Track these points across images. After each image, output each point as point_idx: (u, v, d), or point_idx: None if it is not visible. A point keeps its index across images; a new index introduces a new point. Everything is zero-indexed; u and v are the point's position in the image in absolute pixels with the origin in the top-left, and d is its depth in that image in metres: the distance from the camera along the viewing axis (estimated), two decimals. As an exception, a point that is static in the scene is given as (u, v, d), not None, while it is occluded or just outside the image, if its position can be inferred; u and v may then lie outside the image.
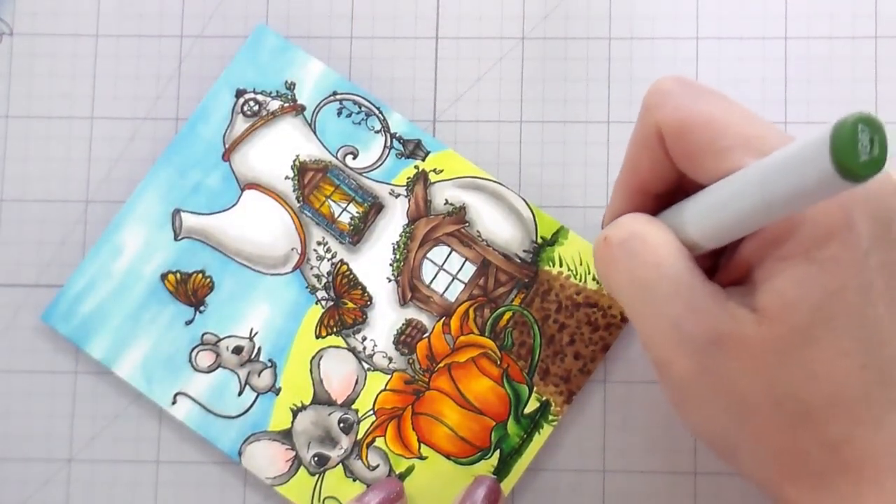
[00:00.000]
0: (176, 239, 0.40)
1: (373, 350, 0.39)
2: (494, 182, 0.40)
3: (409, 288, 0.40)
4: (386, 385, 0.39)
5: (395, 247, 0.40)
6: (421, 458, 0.39)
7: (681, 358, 0.28)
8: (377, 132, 0.40)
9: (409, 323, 0.39)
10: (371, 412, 0.39)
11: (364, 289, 0.40)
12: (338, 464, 0.39)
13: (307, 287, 0.40)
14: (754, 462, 0.29)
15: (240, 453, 0.39)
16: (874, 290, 0.26)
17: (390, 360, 0.39)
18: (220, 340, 0.39)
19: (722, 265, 0.30)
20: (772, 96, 0.41)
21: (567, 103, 0.41)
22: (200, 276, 0.40)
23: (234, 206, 0.40)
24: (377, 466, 0.39)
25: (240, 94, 0.41)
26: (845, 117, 0.21)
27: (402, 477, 0.39)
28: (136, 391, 0.39)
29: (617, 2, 0.42)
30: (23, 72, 0.42)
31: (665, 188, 0.31)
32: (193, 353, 0.39)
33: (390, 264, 0.40)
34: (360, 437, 0.39)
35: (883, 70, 0.41)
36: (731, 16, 0.41)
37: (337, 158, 0.40)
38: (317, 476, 0.39)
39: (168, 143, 0.41)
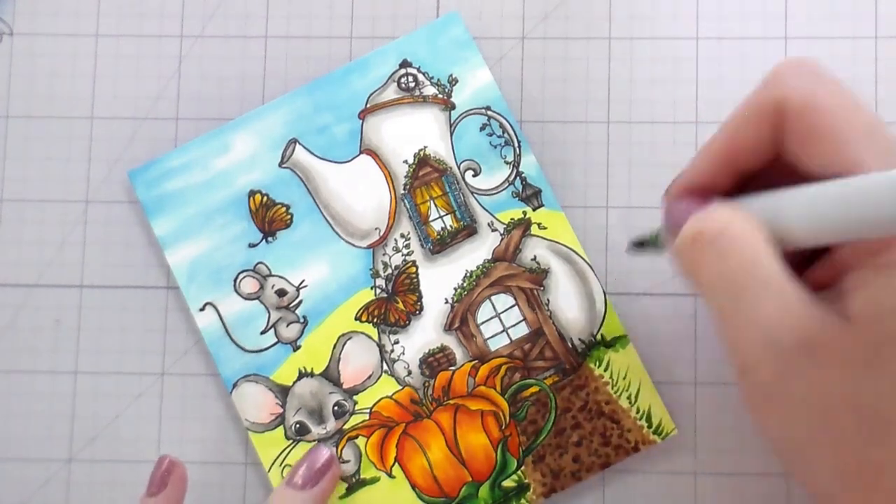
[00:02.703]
0: (280, 165, 0.40)
1: (398, 357, 0.39)
2: (586, 263, 0.40)
3: (461, 318, 0.39)
4: (393, 394, 0.39)
5: (468, 274, 0.40)
6: (390, 475, 0.39)
7: (767, 361, 0.27)
8: (507, 163, 0.40)
9: (442, 349, 0.39)
10: (368, 410, 0.39)
11: (420, 297, 0.40)
12: (314, 441, 0.39)
13: (371, 269, 0.40)
14: (825, 473, 0.28)
15: (234, 386, 0.39)
16: None
17: (409, 373, 0.39)
18: (270, 276, 0.40)
19: (812, 267, 0.29)
20: None
21: (567, 103, 0.41)
22: (284, 209, 0.40)
23: (346, 162, 0.40)
24: (347, 462, 0.39)
25: (404, 65, 0.41)
26: None
27: (363, 483, 0.39)
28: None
29: (617, 2, 0.41)
30: (23, 72, 0.42)
31: (755, 167, 0.30)
32: (241, 276, 0.40)
33: (454, 288, 0.40)
34: (346, 427, 0.39)
35: (883, 70, 0.41)
36: (731, 16, 0.41)
37: (458, 168, 0.40)
38: (291, 442, 0.39)
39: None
